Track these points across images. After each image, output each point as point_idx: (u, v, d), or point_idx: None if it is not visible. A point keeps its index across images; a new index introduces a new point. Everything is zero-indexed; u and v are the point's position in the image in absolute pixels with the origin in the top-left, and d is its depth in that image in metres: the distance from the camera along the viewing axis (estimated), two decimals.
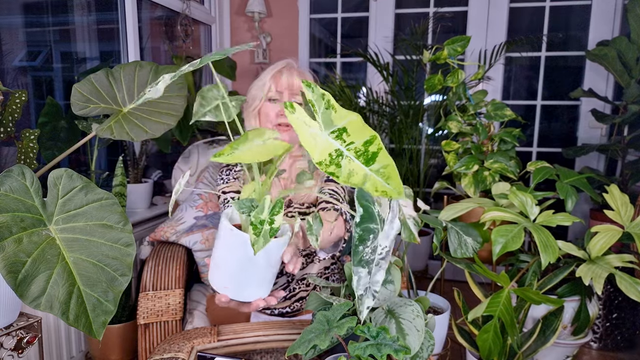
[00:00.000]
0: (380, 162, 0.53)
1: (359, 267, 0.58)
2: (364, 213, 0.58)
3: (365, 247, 0.58)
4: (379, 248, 0.59)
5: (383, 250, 0.58)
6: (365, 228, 0.58)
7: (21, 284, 0.74)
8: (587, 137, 2.51)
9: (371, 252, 0.59)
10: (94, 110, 1.14)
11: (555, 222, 1.21)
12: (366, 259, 0.58)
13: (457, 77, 1.68)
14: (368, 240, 0.58)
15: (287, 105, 0.56)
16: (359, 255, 0.58)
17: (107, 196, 0.88)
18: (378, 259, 0.58)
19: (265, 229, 0.60)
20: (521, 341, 1.24)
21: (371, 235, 0.59)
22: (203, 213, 1.49)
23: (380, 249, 0.58)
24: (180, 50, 2.39)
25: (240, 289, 0.68)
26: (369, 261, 0.58)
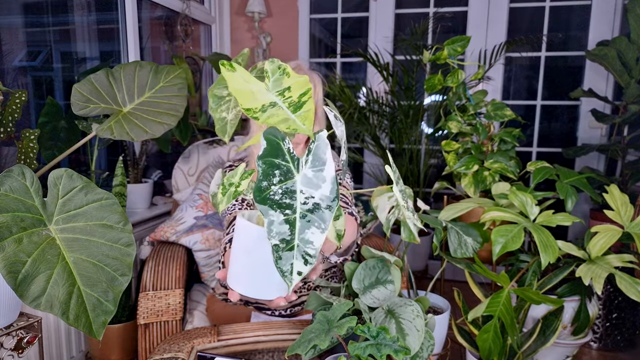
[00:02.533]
0: (304, 108, 0.59)
1: (267, 207, 0.51)
2: (267, 146, 0.53)
3: (270, 183, 0.52)
4: (299, 195, 0.52)
5: (308, 200, 0.51)
6: (268, 162, 0.53)
7: (21, 284, 0.74)
8: (587, 137, 2.52)
9: (283, 194, 0.52)
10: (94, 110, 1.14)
11: (555, 222, 1.21)
12: (275, 199, 0.51)
13: (457, 77, 1.68)
14: (273, 177, 0.52)
15: (224, 64, 0.58)
16: (263, 193, 0.51)
17: (107, 196, 0.88)
18: (303, 210, 0.51)
19: (231, 191, 0.62)
20: (521, 341, 1.24)
21: (276, 171, 0.52)
22: (203, 213, 1.49)
23: (303, 197, 0.52)
24: (180, 50, 2.39)
25: (261, 287, 0.68)
26: (283, 205, 0.51)
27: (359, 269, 0.84)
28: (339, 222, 0.64)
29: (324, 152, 0.53)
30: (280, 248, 0.50)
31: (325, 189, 0.52)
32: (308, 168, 0.53)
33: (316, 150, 0.54)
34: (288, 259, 0.50)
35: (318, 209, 0.52)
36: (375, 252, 0.87)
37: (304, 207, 0.52)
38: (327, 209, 0.51)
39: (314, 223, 0.51)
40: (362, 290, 0.82)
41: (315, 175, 0.53)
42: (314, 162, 0.53)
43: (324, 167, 0.53)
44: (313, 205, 0.52)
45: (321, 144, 0.53)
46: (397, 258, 0.85)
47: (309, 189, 0.52)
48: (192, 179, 1.68)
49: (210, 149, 1.76)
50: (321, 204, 0.52)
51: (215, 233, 1.47)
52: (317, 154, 0.54)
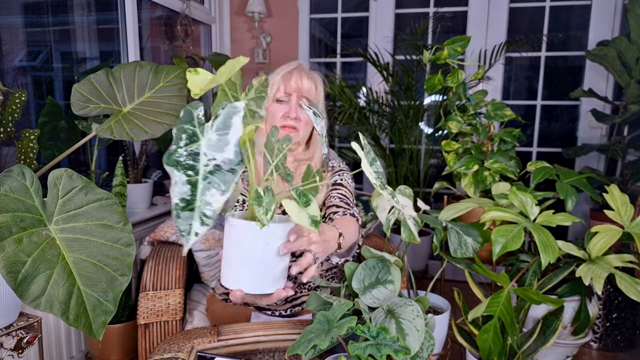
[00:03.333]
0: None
1: (172, 168, 0.52)
2: (183, 114, 0.55)
3: (178, 147, 0.54)
4: (203, 158, 0.53)
5: (210, 162, 0.52)
6: (179, 127, 0.55)
7: (21, 284, 0.74)
8: (587, 137, 2.52)
9: (188, 155, 0.53)
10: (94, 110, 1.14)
11: (555, 222, 1.21)
12: (180, 160, 0.53)
13: (457, 77, 1.68)
14: (181, 140, 0.54)
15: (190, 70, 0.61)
16: (171, 156, 0.53)
17: (107, 196, 0.88)
18: (205, 172, 0.52)
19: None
20: (521, 341, 1.24)
21: (183, 135, 0.54)
22: None
23: (206, 159, 0.52)
24: (180, 50, 2.39)
25: (256, 282, 0.68)
26: (187, 166, 0.52)
27: (359, 269, 0.84)
28: (311, 208, 0.64)
29: (230, 117, 0.54)
30: (180, 207, 0.51)
31: (229, 152, 0.53)
32: (213, 132, 0.54)
33: (223, 115, 0.55)
34: (187, 219, 0.51)
35: (219, 170, 0.53)
36: (375, 252, 0.87)
37: (205, 169, 0.53)
38: (230, 172, 0.53)
39: (214, 185, 0.52)
40: (362, 290, 0.82)
41: (219, 138, 0.54)
42: (219, 126, 0.54)
43: (229, 131, 0.54)
44: (214, 167, 0.53)
45: (230, 110, 0.55)
46: (397, 258, 0.85)
47: (213, 152, 0.53)
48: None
49: None
50: (223, 166, 0.53)
51: (215, 233, 1.47)
52: (224, 119, 0.55)
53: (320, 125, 0.69)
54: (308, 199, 0.65)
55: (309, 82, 1.20)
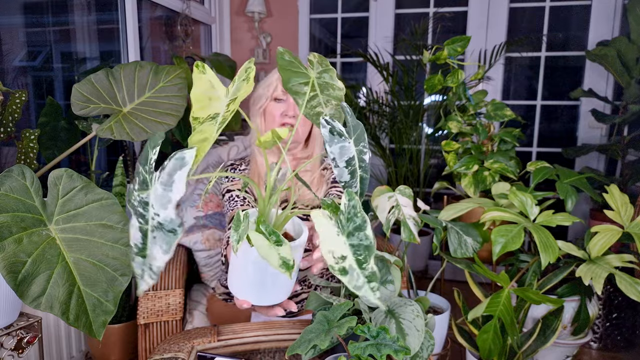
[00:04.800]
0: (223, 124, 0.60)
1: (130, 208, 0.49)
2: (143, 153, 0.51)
3: (134, 189, 0.50)
4: (151, 210, 0.48)
5: (155, 217, 0.48)
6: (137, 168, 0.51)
7: (21, 283, 0.74)
8: (587, 137, 2.52)
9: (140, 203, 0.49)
10: (94, 110, 1.14)
11: (555, 222, 1.21)
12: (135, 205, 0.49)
13: (457, 77, 1.68)
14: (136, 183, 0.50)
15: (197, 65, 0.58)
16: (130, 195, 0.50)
17: (107, 196, 0.88)
18: (152, 225, 0.48)
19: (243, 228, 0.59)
20: (521, 341, 1.24)
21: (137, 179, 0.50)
22: (203, 213, 1.49)
23: (153, 212, 0.48)
24: (180, 50, 2.39)
25: (260, 295, 0.68)
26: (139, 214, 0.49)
27: None
28: (283, 250, 0.55)
29: (174, 172, 0.48)
30: (134, 252, 0.49)
31: (170, 211, 0.48)
32: (159, 184, 0.49)
33: (168, 168, 0.49)
34: (140, 265, 0.48)
35: (161, 229, 0.48)
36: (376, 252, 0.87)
37: (152, 222, 0.49)
38: (171, 233, 0.48)
39: (157, 242, 0.48)
40: None
41: (163, 193, 0.49)
42: (163, 179, 0.49)
43: (172, 189, 0.48)
44: (157, 224, 0.48)
45: (173, 162, 0.49)
46: (397, 258, 0.85)
47: (158, 206, 0.49)
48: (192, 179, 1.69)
49: (210, 149, 1.76)
50: (165, 225, 0.48)
51: (215, 233, 1.47)
52: (168, 172, 0.49)
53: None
54: (279, 239, 0.56)
55: None
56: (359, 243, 0.51)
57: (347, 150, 0.60)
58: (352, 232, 0.52)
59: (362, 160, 0.62)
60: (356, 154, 0.61)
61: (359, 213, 0.52)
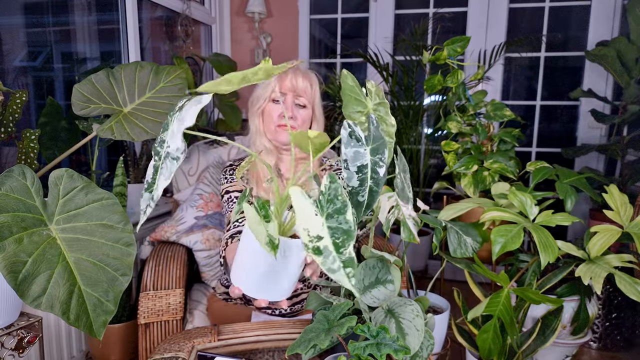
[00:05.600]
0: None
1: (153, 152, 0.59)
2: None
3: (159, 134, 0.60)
4: (165, 144, 0.57)
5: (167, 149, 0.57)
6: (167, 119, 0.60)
7: (22, 283, 0.74)
8: (587, 137, 2.52)
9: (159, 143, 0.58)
10: (95, 110, 1.14)
11: (555, 222, 1.22)
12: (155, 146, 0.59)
13: (456, 78, 1.68)
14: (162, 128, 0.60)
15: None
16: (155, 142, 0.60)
17: (107, 196, 0.89)
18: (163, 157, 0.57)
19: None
20: (521, 341, 1.24)
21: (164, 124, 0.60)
22: (204, 213, 1.49)
23: (166, 145, 0.57)
24: (181, 50, 2.40)
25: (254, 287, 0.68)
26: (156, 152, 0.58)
27: (359, 269, 0.84)
28: (271, 227, 0.57)
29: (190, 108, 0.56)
30: (145, 188, 0.57)
31: (178, 141, 0.56)
32: (176, 120, 0.57)
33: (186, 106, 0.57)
34: (147, 200, 0.57)
35: (167, 157, 0.56)
36: (375, 252, 0.87)
37: (163, 154, 0.57)
38: (174, 160, 0.56)
39: (163, 171, 0.56)
40: (362, 290, 0.83)
41: (178, 127, 0.57)
42: (180, 116, 0.57)
43: (184, 122, 0.56)
44: (166, 154, 0.57)
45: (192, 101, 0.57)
46: (397, 258, 0.85)
47: (170, 140, 0.57)
48: (192, 179, 1.69)
49: (211, 149, 1.76)
50: (171, 153, 0.56)
51: (215, 233, 1.48)
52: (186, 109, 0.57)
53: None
54: (268, 214, 0.58)
55: (304, 81, 1.21)
56: (337, 226, 0.51)
57: (361, 156, 0.60)
58: (331, 214, 0.51)
59: (375, 172, 0.61)
60: (370, 164, 0.61)
61: (340, 196, 0.52)
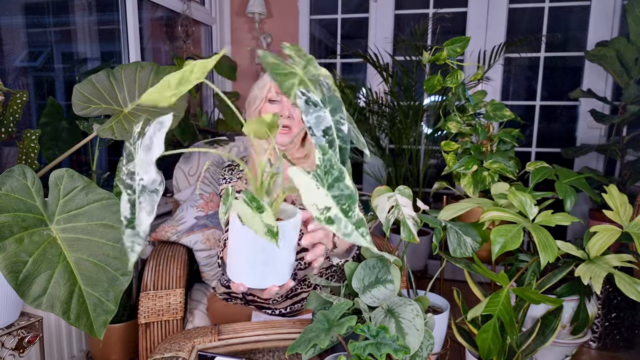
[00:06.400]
0: None
1: (120, 184, 0.56)
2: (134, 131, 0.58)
3: (122, 164, 0.56)
4: (137, 177, 0.54)
5: (140, 182, 0.53)
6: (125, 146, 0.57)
7: (22, 283, 0.74)
8: (586, 137, 2.52)
9: (127, 175, 0.54)
10: (95, 110, 1.14)
11: (554, 222, 1.22)
12: (123, 179, 0.55)
13: (456, 78, 1.68)
14: (124, 158, 0.56)
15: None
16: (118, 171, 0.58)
17: (108, 196, 0.89)
18: (138, 191, 0.53)
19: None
20: (520, 340, 1.24)
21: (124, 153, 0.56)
22: (204, 213, 1.50)
23: (138, 178, 0.53)
24: (181, 50, 2.40)
25: (257, 278, 0.68)
26: (127, 185, 0.54)
27: (359, 269, 0.85)
28: (265, 216, 0.59)
29: (154, 135, 0.54)
30: (125, 224, 0.53)
31: (152, 172, 0.53)
32: (142, 150, 0.54)
33: (149, 132, 0.54)
34: (131, 236, 0.53)
35: (144, 191, 0.53)
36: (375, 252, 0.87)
37: (138, 187, 0.54)
38: (153, 193, 0.53)
39: (142, 206, 0.53)
40: (362, 290, 0.83)
41: (145, 157, 0.54)
42: (145, 144, 0.54)
43: (152, 150, 0.54)
44: (141, 188, 0.53)
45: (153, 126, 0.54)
46: (396, 258, 0.85)
47: (141, 171, 0.54)
48: (192, 179, 1.69)
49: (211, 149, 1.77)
50: (148, 186, 0.53)
51: (215, 233, 1.48)
52: (149, 137, 0.54)
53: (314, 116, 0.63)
54: (259, 205, 0.59)
55: None
56: (340, 193, 0.54)
57: (323, 119, 0.61)
58: (332, 184, 0.54)
59: (339, 131, 0.63)
60: (333, 124, 0.62)
61: (335, 165, 0.54)
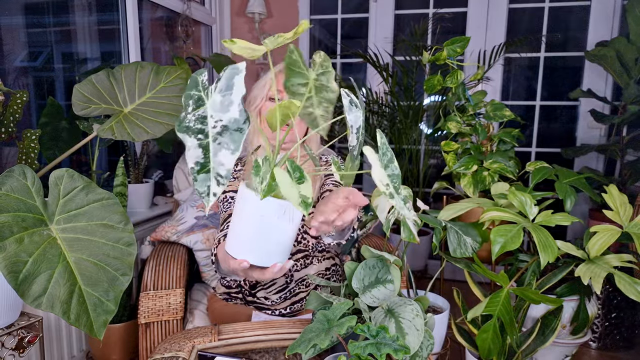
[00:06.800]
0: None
1: (184, 134, 0.55)
2: (190, 82, 0.58)
3: (187, 113, 0.56)
4: (210, 120, 0.55)
5: (217, 124, 0.55)
6: (186, 95, 0.57)
7: (22, 283, 0.74)
8: (586, 137, 2.52)
9: (197, 120, 0.55)
10: (95, 110, 1.14)
11: (554, 222, 1.22)
12: (190, 126, 0.55)
13: (456, 78, 1.68)
14: (188, 107, 0.57)
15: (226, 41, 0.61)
16: (181, 122, 0.56)
17: (108, 196, 0.89)
18: (214, 134, 0.54)
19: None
20: (520, 340, 1.24)
21: (190, 101, 0.56)
22: (204, 213, 1.50)
23: (213, 121, 0.55)
24: (181, 50, 2.40)
25: (260, 255, 0.68)
26: (197, 130, 0.55)
27: (359, 269, 0.85)
28: (304, 187, 0.61)
29: (232, 78, 0.56)
30: (196, 170, 0.54)
31: (234, 112, 0.55)
32: (217, 93, 0.56)
33: (225, 76, 0.56)
34: (204, 181, 0.54)
35: (226, 131, 0.55)
36: (375, 252, 0.87)
37: (214, 130, 0.55)
38: (237, 131, 0.54)
39: (223, 145, 0.54)
40: (362, 290, 0.83)
41: (223, 99, 0.55)
42: (222, 87, 0.56)
43: (232, 91, 0.56)
44: (222, 128, 0.55)
45: (231, 71, 0.56)
46: (396, 258, 0.85)
47: (218, 113, 0.55)
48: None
49: None
50: (230, 126, 0.55)
51: (215, 233, 1.48)
52: (226, 80, 0.56)
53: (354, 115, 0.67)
54: (302, 176, 0.61)
55: None
56: (392, 173, 0.60)
57: (358, 119, 0.66)
58: (387, 165, 0.60)
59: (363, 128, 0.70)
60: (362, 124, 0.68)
61: (389, 150, 0.61)
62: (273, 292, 1.20)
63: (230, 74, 0.56)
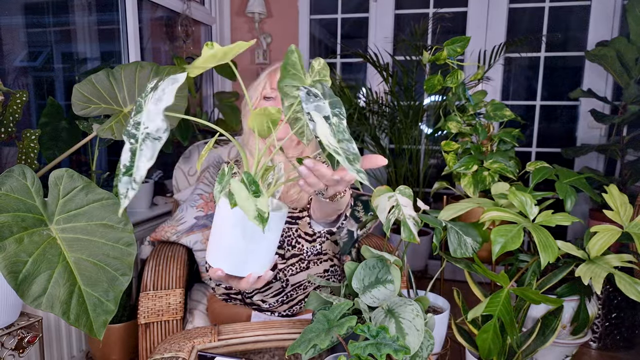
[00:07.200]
0: None
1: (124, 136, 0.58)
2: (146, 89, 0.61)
3: (131, 117, 0.59)
4: (142, 127, 0.57)
5: (144, 131, 0.56)
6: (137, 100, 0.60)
7: (22, 283, 0.74)
8: (587, 137, 2.52)
9: (133, 126, 0.57)
10: (95, 110, 1.14)
11: (555, 222, 1.21)
12: (128, 129, 0.57)
13: (456, 78, 1.68)
14: (133, 111, 0.59)
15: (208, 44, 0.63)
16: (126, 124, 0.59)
17: (107, 196, 0.89)
18: (140, 139, 0.56)
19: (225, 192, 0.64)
20: (520, 341, 1.24)
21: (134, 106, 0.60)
22: (204, 213, 1.50)
23: (143, 128, 0.56)
24: (181, 50, 2.40)
25: (238, 264, 0.68)
26: (131, 135, 0.56)
27: (359, 269, 0.85)
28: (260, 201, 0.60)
29: (166, 87, 0.57)
30: (122, 172, 0.56)
31: (158, 121, 0.56)
32: (152, 103, 0.57)
33: (162, 86, 0.58)
34: (127, 183, 0.55)
35: (148, 138, 0.56)
36: (375, 252, 0.87)
37: (141, 136, 0.56)
38: (156, 140, 0.56)
39: (143, 152, 0.56)
40: (362, 290, 0.83)
41: (154, 108, 0.57)
42: (156, 97, 0.57)
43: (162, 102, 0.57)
44: (145, 135, 0.56)
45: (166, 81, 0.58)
46: (396, 258, 0.85)
47: (148, 121, 0.57)
48: (192, 179, 1.69)
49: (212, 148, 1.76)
50: (152, 134, 0.56)
51: None
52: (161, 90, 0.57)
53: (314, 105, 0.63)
54: (258, 189, 0.60)
55: None
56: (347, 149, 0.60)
57: (322, 108, 0.63)
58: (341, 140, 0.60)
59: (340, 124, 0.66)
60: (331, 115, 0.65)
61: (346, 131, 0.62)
62: (270, 295, 1.20)
63: (165, 84, 0.58)
